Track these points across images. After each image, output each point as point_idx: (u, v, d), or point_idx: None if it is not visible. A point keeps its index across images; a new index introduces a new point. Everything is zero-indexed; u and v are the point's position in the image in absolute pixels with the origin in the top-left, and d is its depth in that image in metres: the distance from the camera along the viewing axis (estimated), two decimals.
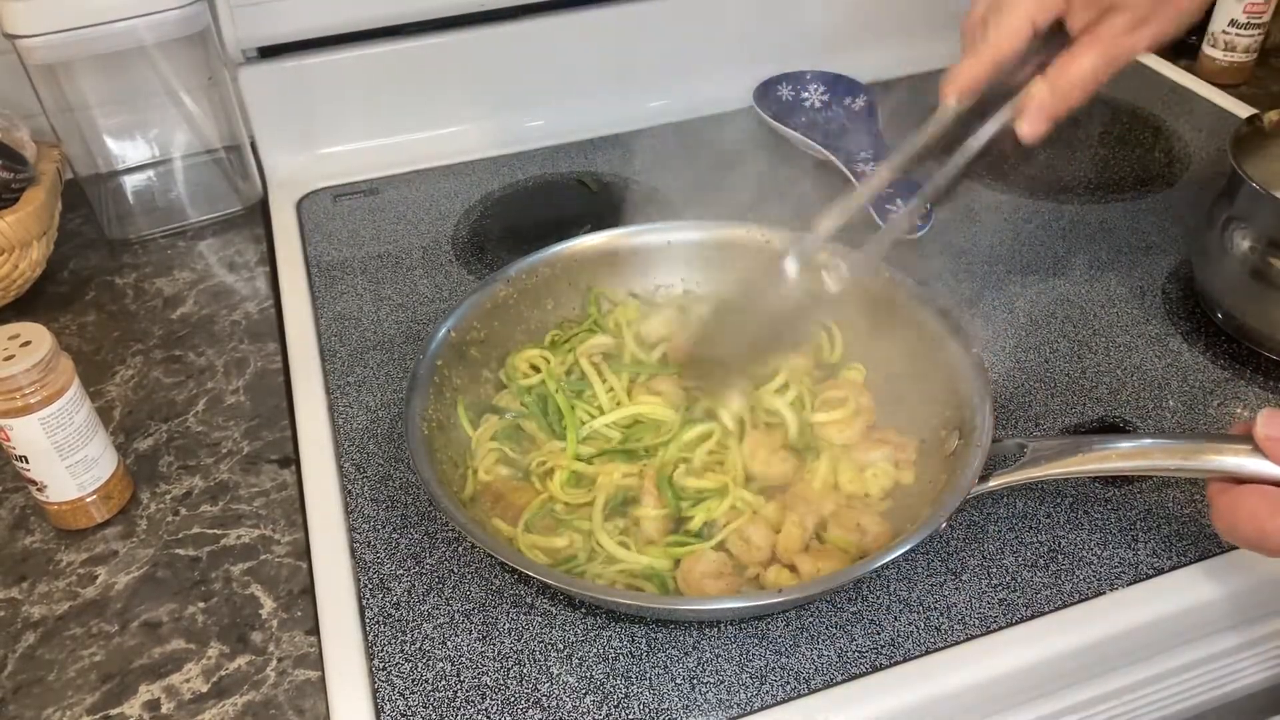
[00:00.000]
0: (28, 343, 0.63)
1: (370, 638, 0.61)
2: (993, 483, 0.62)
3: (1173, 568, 0.64)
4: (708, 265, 0.82)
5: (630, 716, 0.57)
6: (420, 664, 0.59)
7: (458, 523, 0.59)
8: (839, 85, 1.09)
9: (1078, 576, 0.63)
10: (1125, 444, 0.60)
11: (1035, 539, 0.65)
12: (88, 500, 0.69)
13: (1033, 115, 0.61)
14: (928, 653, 0.59)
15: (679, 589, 0.62)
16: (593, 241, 0.80)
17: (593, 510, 0.66)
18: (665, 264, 0.82)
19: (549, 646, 0.60)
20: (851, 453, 0.70)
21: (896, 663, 0.59)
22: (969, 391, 0.67)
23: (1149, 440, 0.60)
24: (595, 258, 0.80)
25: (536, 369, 0.75)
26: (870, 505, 0.67)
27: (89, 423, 0.67)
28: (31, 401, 0.63)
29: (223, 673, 0.61)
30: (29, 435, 0.64)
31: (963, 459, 0.63)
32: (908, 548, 0.57)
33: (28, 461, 0.66)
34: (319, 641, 0.62)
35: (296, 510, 0.71)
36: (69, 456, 0.66)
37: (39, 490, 0.67)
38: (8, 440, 0.65)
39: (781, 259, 0.72)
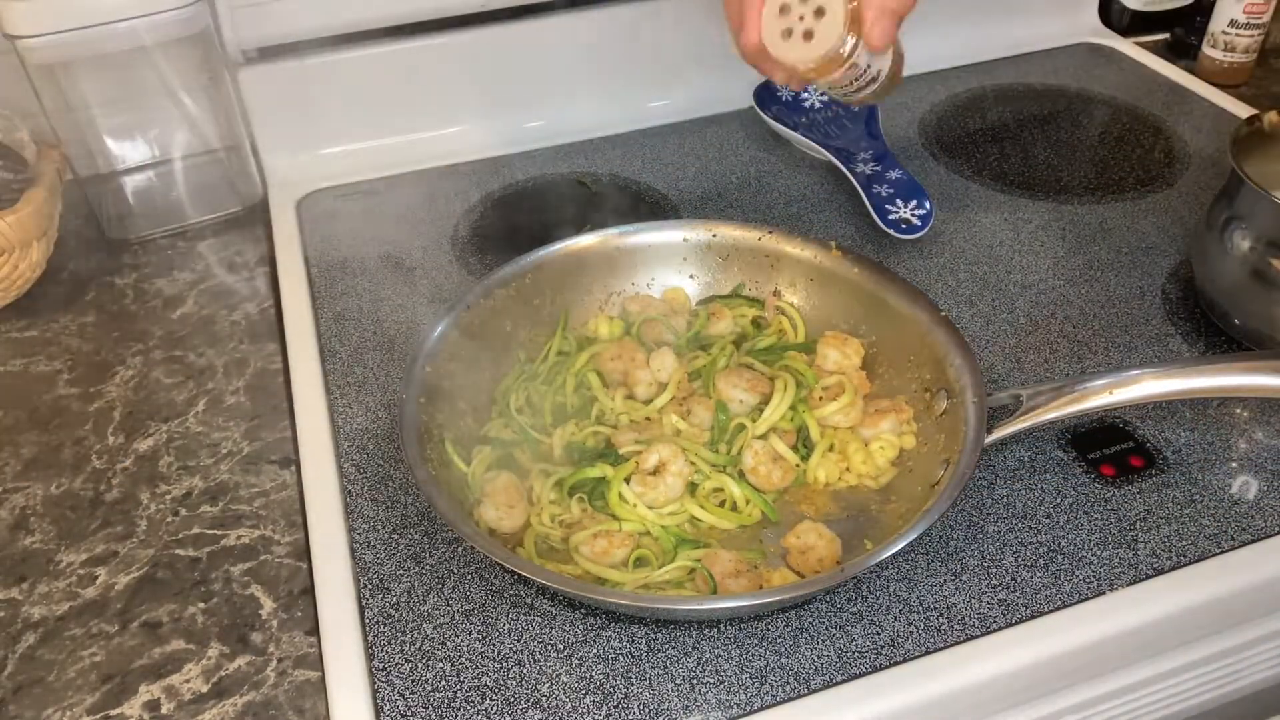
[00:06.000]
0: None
1: (370, 638, 0.61)
2: (997, 434, 0.63)
3: (1173, 568, 0.64)
4: (707, 266, 0.82)
5: (630, 716, 0.57)
6: (420, 664, 0.59)
7: (461, 531, 0.59)
8: None
9: (1078, 576, 0.63)
10: (1117, 375, 0.64)
11: (1035, 539, 0.65)
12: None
13: (877, 21, 0.63)
14: (928, 653, 0.59)
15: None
16: (559, 249, 0.79)
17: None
18: (654, 263, 0.82)
19: (549, 646, 0.60)
20: (859, 431, 0.70)
21: (896, 663, 0.59)
22: (944, 351, 0.67)
23: (1137, 370, 0.64)
24: (558, 271, 0.79)
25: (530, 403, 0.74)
26: (882, 475, 0.69)
27: None
28: None
29: (223, 673, 0.61)
30: None
31: (960, 416, 0.63)
32: (940, 514, 0.58)
33: None
34: (319, 642, 0.62)
35: (296, 510, 0.71)
36: None
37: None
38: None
39: None
